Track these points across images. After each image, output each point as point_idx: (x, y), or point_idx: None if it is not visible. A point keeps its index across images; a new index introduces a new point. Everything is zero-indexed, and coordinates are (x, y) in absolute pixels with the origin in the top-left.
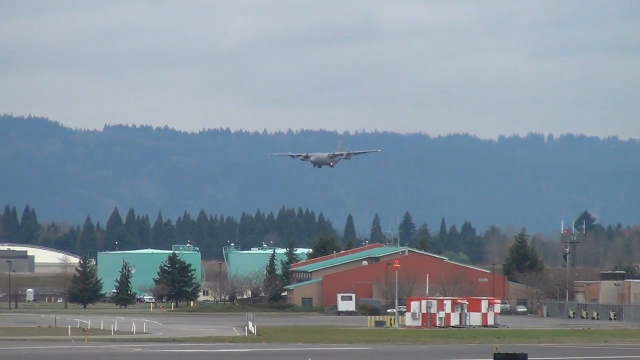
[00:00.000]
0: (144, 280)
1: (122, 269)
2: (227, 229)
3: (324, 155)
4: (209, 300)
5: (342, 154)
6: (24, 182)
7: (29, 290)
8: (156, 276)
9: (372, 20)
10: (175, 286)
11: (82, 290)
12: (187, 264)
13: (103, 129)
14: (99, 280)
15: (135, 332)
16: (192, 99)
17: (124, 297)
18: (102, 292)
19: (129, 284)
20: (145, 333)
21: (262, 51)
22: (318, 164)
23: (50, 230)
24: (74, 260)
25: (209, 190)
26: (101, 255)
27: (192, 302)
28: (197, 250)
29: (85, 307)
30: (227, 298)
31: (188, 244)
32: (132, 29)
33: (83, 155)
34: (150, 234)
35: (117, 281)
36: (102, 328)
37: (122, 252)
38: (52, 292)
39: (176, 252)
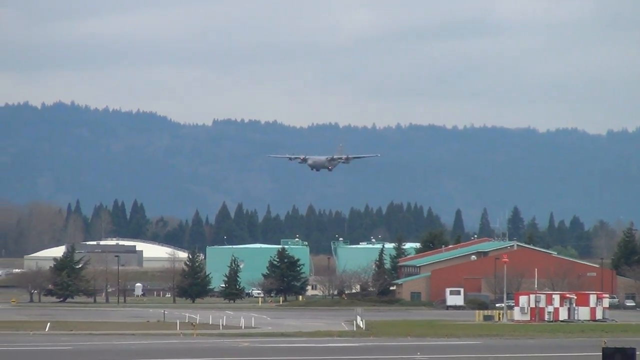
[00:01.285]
0: (252, 274)
1: (231, 263)
2: (335, 224)
3: (322, 158)
4: (317, 295)
5: (341, 158)
6: (133, 176)
7: (138, 284)
8: (265, 271)
9: (488, 15)
10: (284, 280)
11: (191, 285)
12: (295, 258)
13: (212, 124)
14: (208, 274)
15: (244, 327)
16: (303, 93)
17: (233, 291)
18: (210, 286)
19: (238, 279)
20: (254, 328)
21: (377, 45)
22: (316, 167)
23: (158, 225)
24: (182, 254)
25: (317, 184)
26: (210, 249)
27: (300, 297)
28: (306, 245)
29: (193, 301)
30: (335, 292)
31: (297, 239)
32: (248, 24)
33: (192, 149)
34: (259, 229)
35: (225, 276)
36: (210, 323)
37: (230, 246)
38: (160, 287)
39: (285, 246)
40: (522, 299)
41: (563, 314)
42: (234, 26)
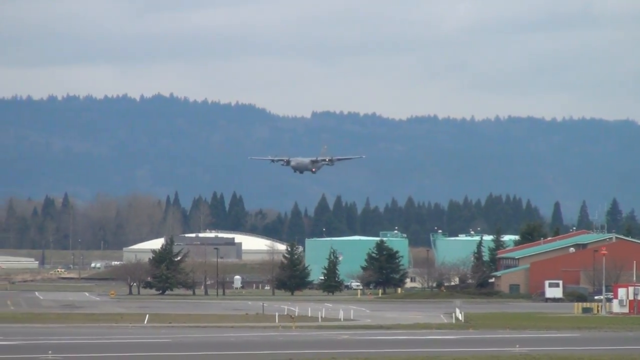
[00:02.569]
0: (351, 267)
1: (330, 255)
2: (434, 216)
3: (306, 160)
4: (416, 287)
5: (324, 160)
6: (232, 168)
7: (237, 277)
8: (363, 263)
9: (591, 6)
10: (383, 273)
11: (290, 277)
12: (394, 250)
13: (311, 116)
14: (307, 267)
15: (343, 319)
16: (403, 85)
17: (332, 284)
18: (309, 279)
19: (337, 271)
20: (353, 320)
21: (477, 37)
22: (299, 169)
23: (257, 217)
24: (281, 247)
25: (416, 176)
26: (309, 241)
27: (399, 289)
28: (405, 237)
29: (292, 294)
30: (434, 285)
31: (396, 231)
32: (352, 17)
33: (290, 141)
34: (358, 221)
35: (324, 268)
36: (309, 315)
37: (329, 238)
38: (259, 279)
39: (384, 238)
40: (621, 291)
41: None
42: (337, 18)
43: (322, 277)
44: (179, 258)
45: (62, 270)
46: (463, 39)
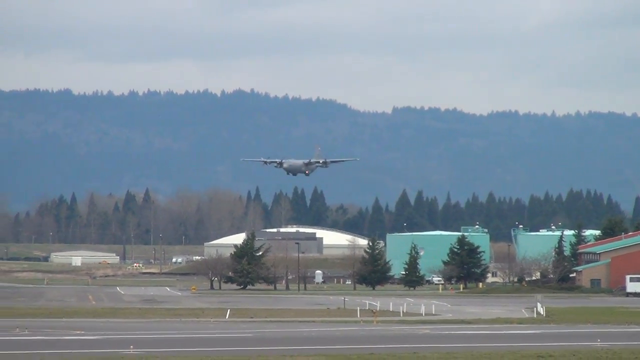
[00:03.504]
0: (432, 261)
1: (411, 250)
2: (515, 211)
3: (299, 162)
4: (497, 282)
5: (318, 162)
6: None
7: (318, 272)
8: (445, 258)
9: None
10: (464, 268)
11: (371, 272)
12: (475, 245)
13: (391, 111)
14: (388, 261)
15: (424, 314)
16: (484, 81)
17: (413, 278)
18: (390, 273)
19: (418, 266)
20: (434, 315)
21: (560, 33)
22: (292, 171)
23: (338, 212)
24: (362, 242)
25: (497, 172)
26: (390, 236)
27: (480, 284)
28: (486, 232)
29: (374, 288)
30: (515, 279)
31: (477, 226)
32: (435, 13)
33: (371, 137)
34: (439, 216)
35: (405, 263)
36: (391, 310)
37: (410, 233)
38: (341, 274)
39: (465, 233)
40: None
41: None
42: (421, 14)
43: (403, 272)
44: (260, 253)
45: (140, 265)
46: (546, 35)
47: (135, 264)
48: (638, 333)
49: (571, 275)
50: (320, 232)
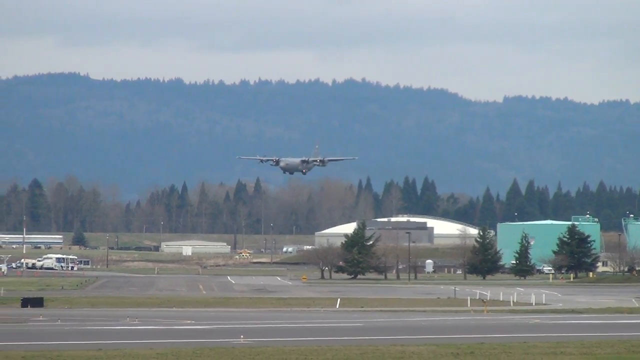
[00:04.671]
0: (543, 251)
1: (521, 240)
2: (626, 200)
3: (296, 160)
4: (607, 271)
5: (316, 160)
6: (423, 153)
7: (428, 261)
8: (555, 247)
9: None
10: (574, 257)
11: (481, 262)
12: (586, 235)
13: (502, 100)
14: (498, 251)
15: (535, 304)
16: (596, 70)
17: (523, 268)
18: (501, 263)
19: (528, 255)
20: (544, 304)
21: None
22: (289, 170)
23: (449, 202)
24: (473, 231)
25: (608, 161)
26: (501, 226)
27: (591, 273)
28: (596, 222)
29: (484, 278)
30: (626, 269)
31: (587, 215)
32: (551, 1)
33: (482, 126)
34: (550, 205)
35: (516, 252)
36: (501, 299)
37: (521, 223)
38: (451, 263)
39: (575, 223)
40: None
41: None
42: (536, 3)
43: (514, 262)
44: (370, 242)
45: (248, 253)
46: None
47: (242, 251)
48: None
49: None
50: (430, 222)
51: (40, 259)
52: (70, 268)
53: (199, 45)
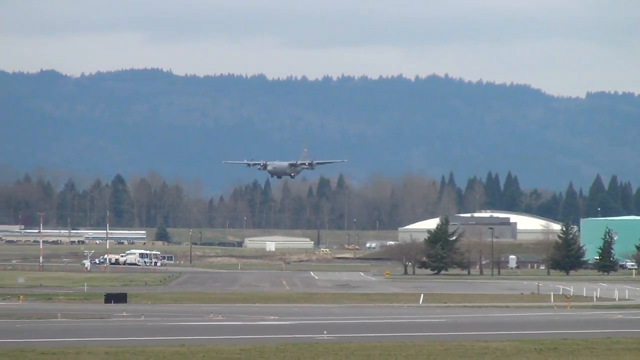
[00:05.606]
0: (626, 246)
1: (605, 235)
2: None
3: (284, 164)
4: None
5: (304, 164)
6: (506, 149)
7: (512, 257)
8: (638, 243)
9: None
10: None
11: (564, 257)
12: None
13: (585, 96)
14: (582, 247)
15: (618, 299)
16: None
17: (606, 263)
18: (584, 258)
19: (612, 251)
20: (628, 300)
21: None
22: (276, 174)
23: (532, 197)
24: (556, 227)
25: None
26: (584, 221)
27: None
28: None
29: (567, 273)
30: None
31: None
32: None
33: (565, 122)
34: (633, 201)
35: (599, 248)
36: (584, 295)
37: (604, 218)
38: (534, 259)
39: None
40: None
41: None
42: None
43: (597, 257)
44: (454, 238)
45: (326, 249)
46: None
47: (322, 249)
48: None
49: None
50: (513, 217)
51: (123, 254)
52: (153, 264)
53: (284, 41)
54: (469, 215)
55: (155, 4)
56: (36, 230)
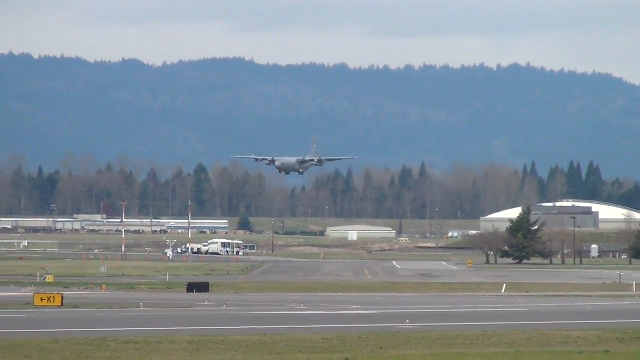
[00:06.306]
0: None
1: None
2: None
3: (292, 160)
4: None
5: (313, 160)
6: (588, 138)
7: (594, 246)
8: None
9: None
10: None
11: None
12: None
13: None
14: None
15: None
16: None
17: None
18: None
19: None
20: None
21: None
22: (285, 170)
23: (614, 187)
24: (638, 216)
25: None
26: None
27: None
28: None
29: None
30: None
31: None
32: None
33: None
34: None
35: None
36: None
37: None
38: (616, 248)
39: None
40: None
41: None
42: None
43: None
44: (536, 227)
45: (406, 239)
46: None
47: (402, 239)
48: None
49: None
50: (595, 207)
51: (205, 244)
52: (235, 253)
53: (366, 30)
54: (551, 204)
55: None
56: (118, 220)
